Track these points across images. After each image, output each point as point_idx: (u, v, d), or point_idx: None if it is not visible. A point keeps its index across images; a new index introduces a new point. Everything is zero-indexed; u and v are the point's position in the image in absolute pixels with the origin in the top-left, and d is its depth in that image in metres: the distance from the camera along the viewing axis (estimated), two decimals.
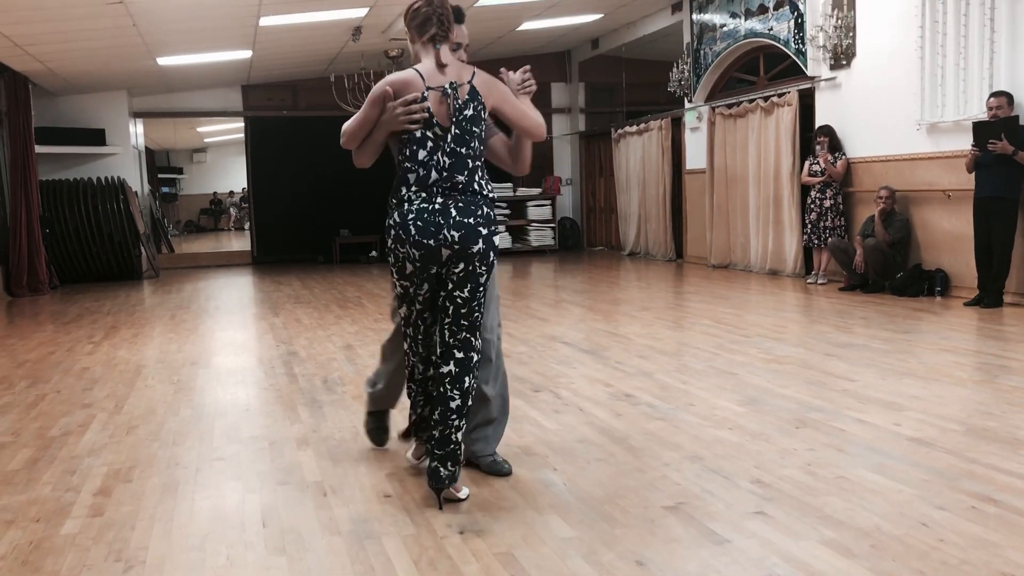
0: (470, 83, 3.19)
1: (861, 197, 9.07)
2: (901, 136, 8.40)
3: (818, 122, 9.51)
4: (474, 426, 3.44)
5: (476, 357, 3.22)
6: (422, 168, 3.15)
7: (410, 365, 3.38)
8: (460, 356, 3.18)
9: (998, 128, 7.07)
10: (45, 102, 12.58)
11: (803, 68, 9.74)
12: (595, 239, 15.81)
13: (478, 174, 3.20)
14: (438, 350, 3.24)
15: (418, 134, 3.16)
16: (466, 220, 3.12)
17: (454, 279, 3.17)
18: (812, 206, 9.29)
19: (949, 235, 8.06)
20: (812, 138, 9.47)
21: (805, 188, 9.56)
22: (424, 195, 3.15)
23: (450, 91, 3.16)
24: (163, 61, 11.22)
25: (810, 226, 9.32)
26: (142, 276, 12.87)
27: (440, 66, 3.18)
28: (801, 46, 9.70)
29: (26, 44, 9.34)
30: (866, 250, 8.36)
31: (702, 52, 11.67)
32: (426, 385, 3.34)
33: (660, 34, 12.83)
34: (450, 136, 3.16)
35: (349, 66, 12.61)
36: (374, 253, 14.48)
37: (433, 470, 3.11)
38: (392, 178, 3.26)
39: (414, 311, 3.28)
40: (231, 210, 30.05)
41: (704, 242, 11.77)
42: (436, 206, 3.13)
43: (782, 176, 10.10)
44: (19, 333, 7.90)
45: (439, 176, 3.15)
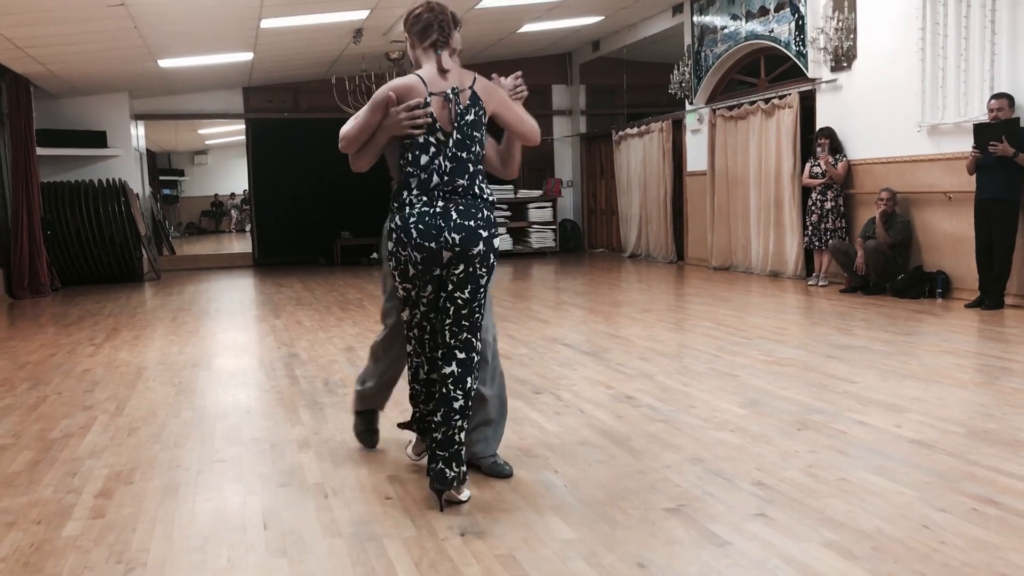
0: (471, 88, 3.22)
1: (862, 199, 9.07)
2: (902, 138, 8.40)
3: (819, 124, 9.52)
4: (473, 427, 3.44)
5: (477, 357, 3.23)
6: (424, 172, 3.18)
7: (413, 367, 3.39)
8: (462, 356, 3.19)
9: (999, 130, 7.07)
10: (46, 104, 12.59)
11: (804, 70, 9.74)
12: (596, 241, 15.81)
13: (479, 178, 3.24)
14: (440, 351, 3.25)
15: (421, 139, 3.18)
16: (467, 223, 3.15)
17: (454, 280, 3.18)
18: (813, 208, 9.29)
19: (950, 237, 8.06)
20: (813, 140, 9.48)
21: (806, 190, 9.56)
22: (425, 199, 3.17)
23: (452, 96, 3.18)
24: (164, 63, 11.23)
25: (811, 228, 9.32)
26: (143, 278, 12.86)
27: (442, 72, 3.21)
28: (802, 48, 9.71)
29: (27, 46, 9.34)
30: (867, 252, 8.36)
31: (703, 54, 11.67)
32: (431, 386, 3.36)
33: (661, 36, 12.85)
34: (452, 141, 3.18)
35: (350, 68, 12.62)
36: (375, 255, 14.48)
37: (439, 472, 3.11)
38: (388, 182, 3.27)
39: (418, 313, 3.29)
40: (232, 212, 30.07)
41: (705, 244, 11.77)
42: (437, 209, 3.15)
43: (783, 178, 10.10)
44: (20, 335, 7.90)
45: (440, 180, 3.17)
